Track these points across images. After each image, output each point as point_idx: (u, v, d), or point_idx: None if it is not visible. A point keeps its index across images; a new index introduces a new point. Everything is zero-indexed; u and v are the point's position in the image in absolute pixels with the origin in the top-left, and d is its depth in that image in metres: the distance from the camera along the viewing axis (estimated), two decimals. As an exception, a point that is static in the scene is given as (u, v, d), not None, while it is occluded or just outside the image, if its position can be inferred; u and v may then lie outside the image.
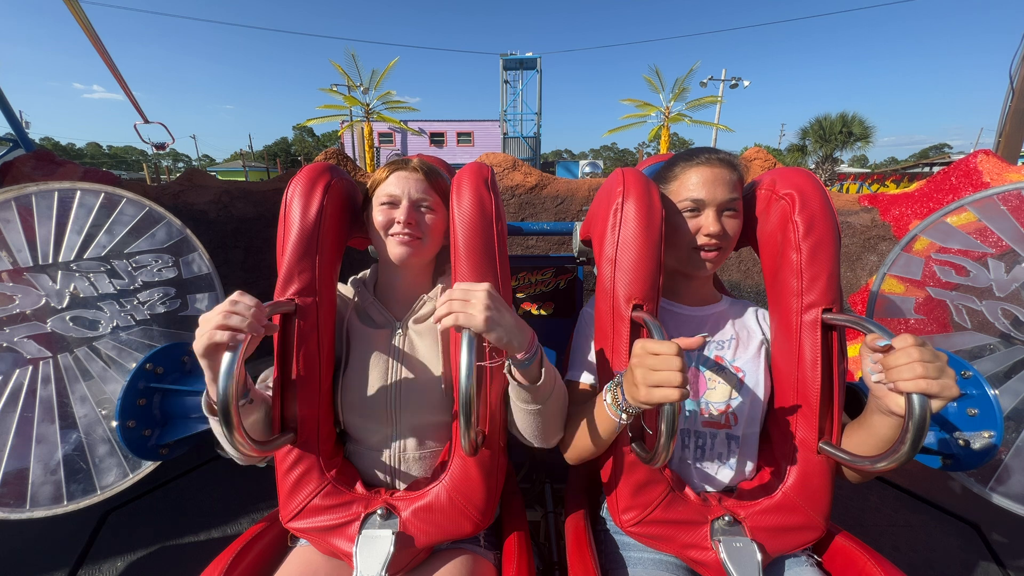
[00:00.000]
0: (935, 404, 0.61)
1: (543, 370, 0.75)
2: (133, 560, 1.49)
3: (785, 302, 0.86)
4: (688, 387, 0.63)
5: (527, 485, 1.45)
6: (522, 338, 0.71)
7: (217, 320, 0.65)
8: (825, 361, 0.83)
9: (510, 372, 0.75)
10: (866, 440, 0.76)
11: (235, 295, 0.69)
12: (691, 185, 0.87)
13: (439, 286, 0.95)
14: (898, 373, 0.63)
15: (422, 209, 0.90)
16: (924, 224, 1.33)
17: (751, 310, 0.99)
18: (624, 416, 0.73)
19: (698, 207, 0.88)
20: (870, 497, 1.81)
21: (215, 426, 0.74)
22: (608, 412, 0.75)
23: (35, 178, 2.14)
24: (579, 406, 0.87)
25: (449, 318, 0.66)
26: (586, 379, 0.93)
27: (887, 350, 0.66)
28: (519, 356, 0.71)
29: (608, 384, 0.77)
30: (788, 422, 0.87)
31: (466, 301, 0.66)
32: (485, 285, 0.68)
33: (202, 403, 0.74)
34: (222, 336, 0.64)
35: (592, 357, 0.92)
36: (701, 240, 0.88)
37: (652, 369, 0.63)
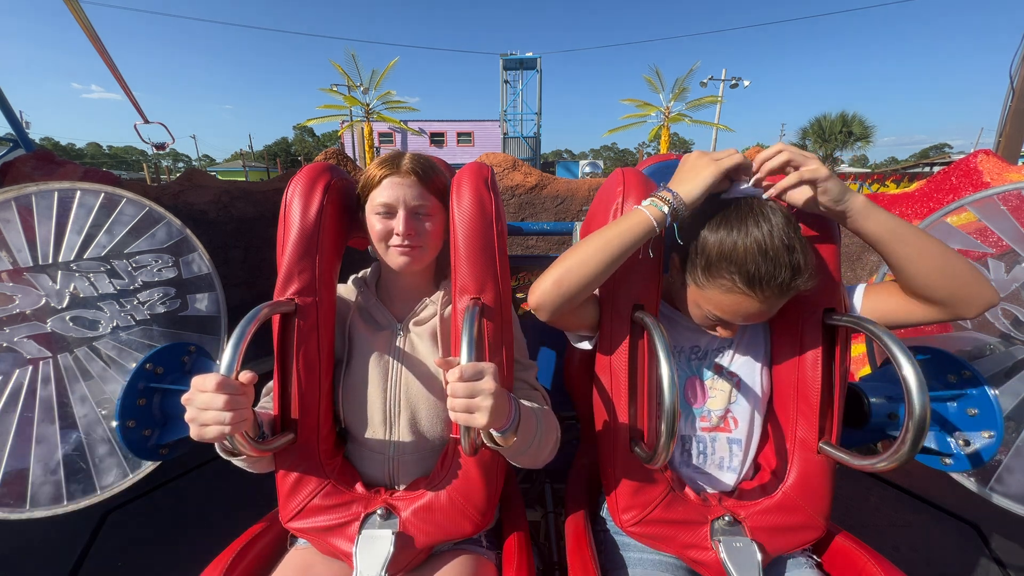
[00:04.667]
0: None
1: (516, 434, 0.71)
2: (133, 560, 1.49)
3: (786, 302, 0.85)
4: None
5: (527, 485, 1.45)
6: (507, 414, 0.68)
7: (196, 431, 0.65)
8: (826, 361, 0.83)
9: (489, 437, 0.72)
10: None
11: (208, 393, 0.64)
12: (723, 304, 0.76)
13: (440, 292, 0.95)
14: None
15: (420, 216, 0.87)
16: (924, 224, 1.33)
17: None
18: (666, 208, 0.73)
19: (719, 323, 0.82)
20: (870, 497, 1.80)
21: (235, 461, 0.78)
22: (645, 211, 0.75)
23: (35, 178, 2.14)
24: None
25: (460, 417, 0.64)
26: None
27: None
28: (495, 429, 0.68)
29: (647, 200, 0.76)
30: (788, 422, 0.87)
31: (471, 400, 0.63)
32: (489, 383, 0.64)
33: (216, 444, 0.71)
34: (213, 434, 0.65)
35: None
36: (706, 324, 0.84)
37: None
